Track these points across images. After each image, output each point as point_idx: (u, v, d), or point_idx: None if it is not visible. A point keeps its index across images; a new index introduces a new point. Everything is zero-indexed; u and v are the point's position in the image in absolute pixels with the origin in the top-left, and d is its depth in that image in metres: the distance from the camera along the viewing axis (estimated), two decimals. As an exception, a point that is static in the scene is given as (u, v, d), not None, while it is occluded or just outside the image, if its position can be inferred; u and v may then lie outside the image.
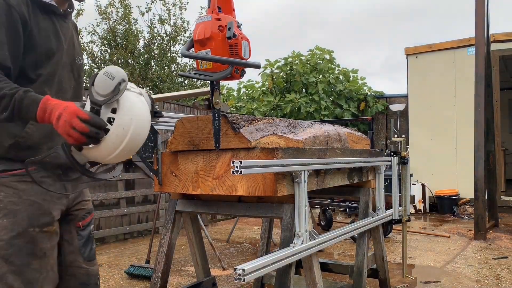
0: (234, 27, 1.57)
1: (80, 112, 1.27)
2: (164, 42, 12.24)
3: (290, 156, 1.89)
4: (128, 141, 1.32)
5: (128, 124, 1.31)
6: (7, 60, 1.39)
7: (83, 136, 1.25)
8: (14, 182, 1.46)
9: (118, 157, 1.35)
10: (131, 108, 1.33)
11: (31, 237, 1.46)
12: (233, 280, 1.89)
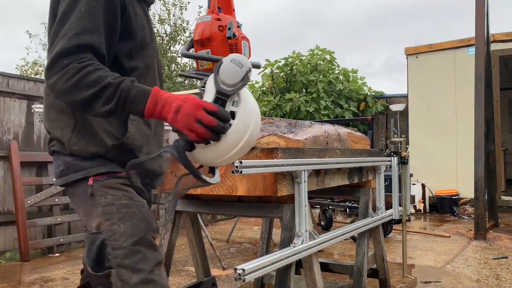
0: (234, 27, 1.57)
1: (206, 104, 1.10)
2: (164, 42, 12.24)
3: (290, 156, 1.89)
4: (248, 138, 1.16)
5: (249, 119, 1.17)
6: (103, 48, 1.22)
7: (208, 131, 1.09)
8: (120, 184, 1.30)
9: (233, 157, 1.18)
10: (251, 102, 1.19)
11: (150, 242, 1.30)
12: (233, 280, 1.89)
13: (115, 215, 1.25)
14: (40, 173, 5.20)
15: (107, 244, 1.24)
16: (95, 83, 1.12)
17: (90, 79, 1.12)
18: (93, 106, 1.14)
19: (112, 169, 1.31)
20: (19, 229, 4.72)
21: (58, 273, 4.23)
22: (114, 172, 1.31)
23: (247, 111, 1.16)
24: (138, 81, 1.18)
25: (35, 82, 5.36)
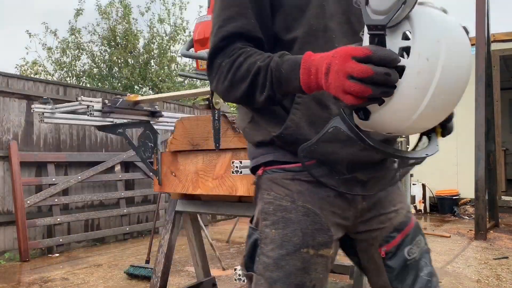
0: (234, 27, 1.56)
1: (356, 50, 0.78)
2: (164, 42, 12.23)
3: (290, 156, 1.88)
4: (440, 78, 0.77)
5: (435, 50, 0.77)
6: (255, 29, 1.02)
7: (367, 86, 0.75)
8: (287, 181, 1.05)
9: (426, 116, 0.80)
10: (435, 25, 0.80)
11: (303, 260, 1.03)
12: (233, 280, 1.89)
13: (271, 217, 1.05)
14: (40, 173, 5.19)
15: (258, 246, 1.06)
16: (247, 73, 0.96)
17: (242, 71, 0.97)
18: (253, 98, 0.97)
19: (281, 158, 1.07)
20: (19, 229, 4.71)
21: (57, 273, 4.22)
22: (284, 163, 1.07)
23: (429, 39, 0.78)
24: (303, 51, 0.91)
25: (34, 82, 5.35)
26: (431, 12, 0.82)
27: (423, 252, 1.13)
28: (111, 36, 11.67)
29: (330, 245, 1.06)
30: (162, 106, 6.94)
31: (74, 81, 11.95)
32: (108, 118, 2.19)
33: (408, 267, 1.11)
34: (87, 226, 5.72)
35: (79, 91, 5.81)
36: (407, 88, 0.78)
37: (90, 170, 5.55)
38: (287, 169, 1.06)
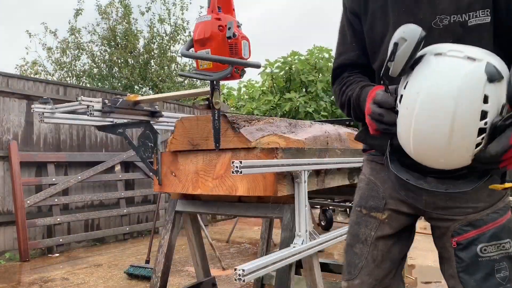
0: (234, 27, 1.56)
1: (374, 93, 1.06)
2: (164, 42, 12.23)
3: (290, 156, 1.89)
4: (415, 127, 0.91)
5: (412, 101, 0.91)
6: (358, 59, 1.33)
7: (372, 121, 1.05)
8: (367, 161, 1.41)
9: (421, 153, 0.96)
10: (424, 79, 0.91)
11: (356, 216, 1.35)
12: (233, 280, 1.89)
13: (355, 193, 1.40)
14: (40, 173, 5.19)
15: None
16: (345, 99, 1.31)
17: (343, 99, 1.32)
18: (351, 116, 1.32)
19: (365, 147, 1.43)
20: (19, 229, 4.71)
21: (57, 273, 4.22)
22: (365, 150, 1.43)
23: (412, 92, 0.92)
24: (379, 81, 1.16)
25: (34, 82, 5.35)
26: (435, 64, 0.93)
27: (506, 257, 1.15)
28: (111, 36, 11.67)
29: (381, 210, 1.30)
30: (162, 106, 6.94)
31: (74, 81, 11.95)
32: (108, 118, 2.18)
33: (479, 264, 1.15)
34: (87, 226, 5.72)
35: (79, 91, 5.81)
36: (399, 127, 0.99)
37: (90, 170, 5.55)
38: (367, 154, 1.41)
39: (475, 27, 1.07)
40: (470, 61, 0.90)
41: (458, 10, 1.08)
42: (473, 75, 0.88)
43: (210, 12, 1.62)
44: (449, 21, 1.10)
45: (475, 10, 1.07)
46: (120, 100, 2.10)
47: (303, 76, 10.99)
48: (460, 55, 0.91)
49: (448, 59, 0.91)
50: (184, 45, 1.63)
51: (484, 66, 0.89)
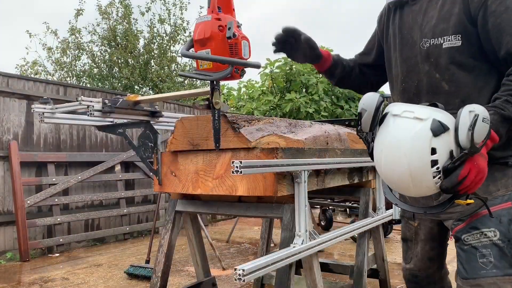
0: (234, 27, 1.56)
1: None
2: (164, 42, 12.23)
3: (290, 156, 1.89)
4: (384, 174, 1.21)
5: (378, 157, 1.21)
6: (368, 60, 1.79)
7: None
8: None
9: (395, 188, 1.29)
10: (383, 138, 1.19)
11: (403, 221, 1.82)
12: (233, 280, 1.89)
13: None
14: (40, 173, 5.20)
15: None
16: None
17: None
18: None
19: None
20: (19, 229, 4.71)
21: (57, 273, 4.23)
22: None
23: (377, 149, 1.22)
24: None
25: (34, 82, 5.36)
26: (392, 125, 1.17)
27: (488, 245, 1.35)
28: (111, 36, 11.67)
29: (412, 219, 1.73)
30: (162, 106, 6.94)
31: (74, 81, 11.95)
32: (108, 118, 2.18)
33: (465, 251, 1.42)
34: (87, 226, 5.72)
35: (79, 91, 5.81)
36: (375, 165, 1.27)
37: (90, 170, 5.56)
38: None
39: (449, 48, 1.36)
40: (418, 121, 1.12)
41: (434, 34, 1.40)
42: (420, 135, 1.11)
43: (210, 12, 1.62)
44: (429, 43, 1.42)
45: (449, 34, 1.36)
46: (120, 100, 2.10)
47: (303, 77, 10.99)
48: (410, 115, 1.14)
49: (401, 120, 1.15)
50: (184, 45, 1.64)
51: (430, 124, 1.10)
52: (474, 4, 1.32)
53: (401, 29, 1.51)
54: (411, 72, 1.47)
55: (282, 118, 2.36)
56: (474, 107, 1.10)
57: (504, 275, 1.30)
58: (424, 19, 1.44)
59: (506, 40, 1.26)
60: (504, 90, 1.24)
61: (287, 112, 10.46)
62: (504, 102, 1.21)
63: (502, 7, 1.27)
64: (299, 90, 11.08)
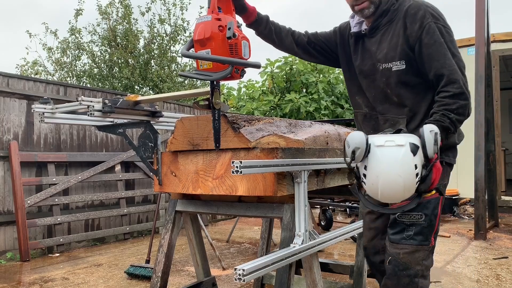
0: (234, 27, 1.56)
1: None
2: (164, 42, 12.23)
3: (290, 156, 1.89)
4: (381, 193, 1.47)
5: (375, 181, 1.47)
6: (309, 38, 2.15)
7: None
8: None
9: (384, 200, 1.51)
10: (376, 166, 1.45)
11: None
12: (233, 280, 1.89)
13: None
14: (40, 173, 5.20)
15: None
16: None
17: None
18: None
19: None
20: (19, 229, 4.72)
21: (58, 273, 4.23)
22: None
23: (373, 176, 1.47)
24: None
25: (34, 82, 5.36)
26: (378, 155, 1.45)
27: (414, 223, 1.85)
28: (112, 36, 11.67)
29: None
30: (162, 106, 6.95)
31: (74, 81, 11.96)
32: (108, 118, 2.19)
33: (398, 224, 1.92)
34: (87, 226, 5.72)
35: (79, 91, 5.82)
36: (367, 190, 1.53)
37: (90, 170, 5.56)
38: None
39: (396, 70, 1.80)
40: (400, 147, 1.43)
41: (386, 60, 1.82)
42: (406, 158, 1.42)
43: (210, 12, 1.62)
44: (382, 66, 1.84)
45: (396, 60, 1.79)
46: (120, 100, 2.10)
47: (303, 77, 11.00)
48: (392, 144, 1.44)
49: (387, 150, 1.44)
50: (185, 45, 1.64)
51: (409, 147, 1.43)
52: (412, 38, 1.73)
53: (363, 54, 1.92)
54: (370, 86, 1.90)
55: (282, 118, 2.36)
56: (431, 127, 1.46)
57: (417, 245, 1.79)
58: (379, 48, 1.86)
59: (434, 65, 1.67)
60: (439, 106, 1.64)
61: (287, 112, 10.46)
62: (441, 116, 1.61)
63: (432, 40, 1.68)
64: (299, 90, 11.08)
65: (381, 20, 1.84)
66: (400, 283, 1.81)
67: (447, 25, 1.73)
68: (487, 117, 5.86)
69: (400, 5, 1.81)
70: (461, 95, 1.62)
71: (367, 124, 2.01)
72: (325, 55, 2.11)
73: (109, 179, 5.83)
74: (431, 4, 1.78)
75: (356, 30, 1.95)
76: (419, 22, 1.71)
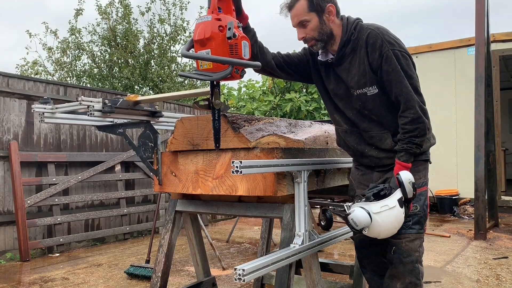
0: (234, 27, 1.56)
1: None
2: (164, 42, 12.22)
3: (290, 156, 1.89)
4: (381, 236, 1.82)
5: (377, 234, 1.80)
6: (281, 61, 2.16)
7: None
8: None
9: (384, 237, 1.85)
10: (378, 228, 1.75)
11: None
12: (233, 280, 1.89)
13: None
14: (40, 173, 5.20)
15: None
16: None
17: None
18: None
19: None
20: (19, 229, 4.72)
21: (58, 273, 4.23)
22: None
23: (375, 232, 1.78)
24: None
25: (34, 82, 5.36)
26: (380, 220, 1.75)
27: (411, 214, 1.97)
28: (111, 36, 11.67)
29: (355, 196, 2.13)
30: (162, 106, 6.94)
31: (74, 81, 11.95)
32: (108, 118, 2.19)
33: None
34: (87, 226, 5.72)
35: (79, 91, 5.82)
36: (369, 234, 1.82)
37: (90, 170, 5.56)
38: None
39: (371, 95, 1.93)
40: (393, 208, 1.76)
41: (359, 87, 1.95)
42: (397, 215, 1.78)
43: (211, 12, 1.62)
44: (357, 92, 1.96)
45: (368, 86, 1.92)
46: (120, 100, 2.10)
47: (303, 76, 10.97)
48: (386, 208, 1.75)
49: (384, 213, 1.74)
50: (185, 45, 1.64)
51: (398, 205, 1.77)
52: (374, 66, 1.88)
53: (336, 80, 2.02)
54: (346, 107, 2.01)
55: (282, 118, 2.36)
56: (409, 177, 1.78)
57: (416, 233, 1.99)
58: (349, 75, 1.96)
59: (394, 91, 1.86)
60: (403, 133, 1.87)
61: (287, 112, 10.46)
62: (407, 143, 1.86)
63: (390, 68, 1.85)
64: (299, 90, 11.08)
65: (345, 50, 1.95)
66: (406, 270, 1.94)
67: (402, 48, 1.88)
68: (487, 117, 5.85)
69: (358, 33, 1.92)
70: (418, 119, 1.85)
71: (349, 139, 2.07)
72: (300, 74, 2.17)
73: (109, 179, 5.83)
74: (385, 30, 1.91)
75: (323, 59, 2.03)
76: (378, 51, 1.86)
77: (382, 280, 2.14)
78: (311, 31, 1.92)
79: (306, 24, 1.91)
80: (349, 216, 1.73)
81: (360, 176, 2.12)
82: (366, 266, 2.21)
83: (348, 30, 1.94)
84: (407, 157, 1.86)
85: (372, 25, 1.94)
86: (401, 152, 1.87)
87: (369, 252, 2.16)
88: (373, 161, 2.03)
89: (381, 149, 1.98)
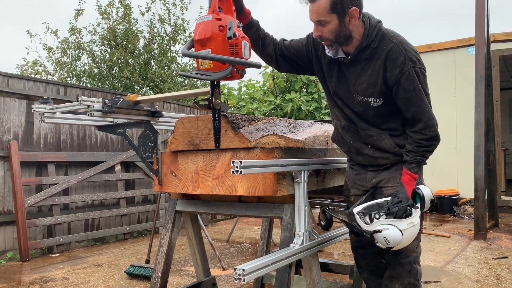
0: (234, 27, 1.56)
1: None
2: (164, 42, 12.22)
3: (290, 156, 1.89)
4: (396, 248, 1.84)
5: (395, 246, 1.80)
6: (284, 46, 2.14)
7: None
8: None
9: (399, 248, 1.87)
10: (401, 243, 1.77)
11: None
12: (233, 280, 1.89)
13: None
14: (40, 173, 5.20)
15: None
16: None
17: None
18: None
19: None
20: (19, 229, 4.72)
21: (58, 273, 4.23)
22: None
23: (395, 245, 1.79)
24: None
25: (34, 82, 5.36)
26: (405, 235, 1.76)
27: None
28: (112, 36, 11.66)
29: (349, 196, 2.17)
30: (162, 106, 6.94)
31: (74, 81, 11.95)
32: (108, 118, 2.19)
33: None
34: (87, 226, 5.72)
35: (80, 91, 5.82)
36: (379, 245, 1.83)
37: (90, 170, 5.56)
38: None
39: (374, 105, 1.93)
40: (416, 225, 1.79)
41: (364, 95, 1.93)
42: (417, 229, 1.82)
43: (211, 12, 1.62)
44: (360, 98, 1.94)
45: (373, 97, 1.91)
46: (120, 100, 2.11)
47: (304, 77, 10.99)
48: (411, 225, 1.77)
49: (409, 230, 1.77)
50: (185, 45, 1.64)
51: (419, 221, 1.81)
52: (391, 81, 1.86)
53: (339, 78, 1.99)
54: (345, 106, 2.01)
55: (282, 118, 2.36)
56: (429, 194, 1.91)
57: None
58: (357, 80, 1.93)
59: (412, 109, 1.87)
60: (418, 146, 1.90)
61: (288, 112, 10.46)
62: (421, 156, 1.91)
63: (411, 86, 1.84)
64: (299, 90, 11.08)
65: (361, 55, 1.90)
66: (404, 271, 1.96)
67: (422, 65, 1.89)
68: (487, 117, 5.85)
69: (380, 42, 1.87)
70: (435, 137, 1.90)
71: (347, 135, 2.07)
72: (298, 68, 2.14)
73: (109, 179, 5.83)
74: (407, 44, 1.88)
75: (332, 55, 1.97)
76: (399, 68, 1.83)
77: (379, 280, 2.14)
78: (328, 32, 1.84)
79: (324, 24, 1.83)
80: (379, 234, 1.74)
81: (354, 176, 2.13)
82: (363, 266, 2.21)
83: (369, 35, 1.87)
84: (417, 169, 1.92)
85: (394, 36, 1.89)
86: (412, 164, 1.91)
87: (366, 253, 2.16)
88: (367, 159, 2.03)
89: (378, 148, 1.98)
